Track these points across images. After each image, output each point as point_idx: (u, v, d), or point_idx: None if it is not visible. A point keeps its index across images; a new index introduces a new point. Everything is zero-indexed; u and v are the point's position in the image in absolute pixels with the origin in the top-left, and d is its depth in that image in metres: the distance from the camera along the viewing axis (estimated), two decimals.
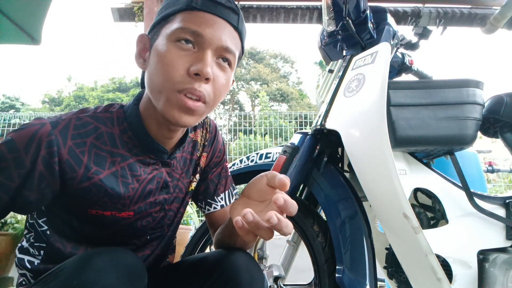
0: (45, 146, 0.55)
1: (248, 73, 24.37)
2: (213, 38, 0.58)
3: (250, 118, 6.91)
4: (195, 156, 0.77)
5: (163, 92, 0.57)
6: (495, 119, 1.11)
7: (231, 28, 0.61)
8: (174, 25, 0.58)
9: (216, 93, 0.60)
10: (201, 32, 0.57)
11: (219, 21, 0.59)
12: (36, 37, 2.27)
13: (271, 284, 1.00)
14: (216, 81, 0.59)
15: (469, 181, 1.04)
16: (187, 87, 0.56)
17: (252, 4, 3.25)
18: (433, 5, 3.23)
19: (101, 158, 0.60)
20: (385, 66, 0.96)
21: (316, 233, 1.05)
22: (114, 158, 0.62)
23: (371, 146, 0.90)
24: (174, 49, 0.57)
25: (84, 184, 0.58)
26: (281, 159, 1.08)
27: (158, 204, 0.68)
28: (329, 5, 1.17)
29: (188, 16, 0.58)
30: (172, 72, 0.56)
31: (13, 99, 17.73)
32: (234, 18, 0.62)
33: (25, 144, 0.54)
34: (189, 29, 0.57)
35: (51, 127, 0.56)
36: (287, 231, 0.46)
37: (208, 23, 0.58)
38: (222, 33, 0.59)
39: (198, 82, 0.57)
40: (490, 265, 0.96)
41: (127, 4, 3.24)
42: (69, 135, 0.58)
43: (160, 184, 0.68)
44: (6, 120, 5.19)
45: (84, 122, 0.60)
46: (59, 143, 0.56)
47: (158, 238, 0.73)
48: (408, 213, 0.87)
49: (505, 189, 4.88)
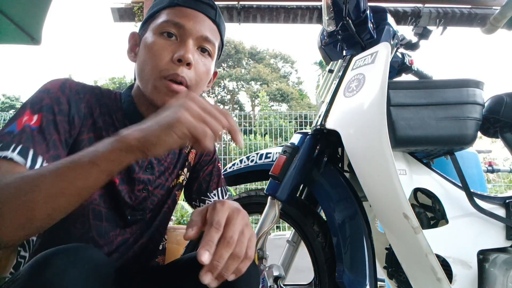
0: (75, 92, 0.64)
1: (248, 73, 24.36)
2: (193, 29, 0.66)
3: (250, 118, 6.91)
4: (183, 151, 0.81)
5: (151, 78, 0.64)
6: (495, 119, 1.11)
7: (209, 21, 0.69)
8: (159, 20, 0.66)
9: (197, 79, 0.67)
10: (182, 23, 0.65)
11: (199, 15, 0.68)
12: (36, 37, 2.27)
13: (271, 284, 1.00)
14: (197, 67, 0.66)
15: (469, 181, 1.04)
16: (171, 73, 0.63)
17: (252, 4, 3.25)
18: (433, 5, 3.23)
19: (101, 121, 0.67)
20: (385, 66, 0.96)
21: (316, 233, 1.05)
22: (107, 126, 0.68)
23: (371, 146, 0.90)
24: (159, 40, 0.65)
25: (85, 135, 0.64)
26: (281, 159, 1.08)
27: (142, 183, 0.71)
28: (329, 5, 1.17)
29: (171, 11, 0.67)
30: (158, 61, 0.63)
31: (13, 99, 17.75)
32: (212, 13, 0.70)
33: (58, 89, 0.61)
34: (172, 21, 0.65)
35: (75, 81, 0.66)
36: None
37: (189, 17, 0.66)
38: (201, 25, 0.67)
39: (181, 67, 0.63)
40: (490, 265, 0.96)
41: (127, 4, 3.24)
42: (87, 92, 0.67)
43: (145, 164, 0.71)
44: (6, 120, 5.20)
45: (94, 88, 0.70)
46: (84, 94, 0.65)
47: (139, 221, 0.72)
48: (408, 213, 0.87)
49: (505, 189, 4.89)
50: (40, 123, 0.56)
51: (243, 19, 3.26)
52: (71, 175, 0.44)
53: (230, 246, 0.46)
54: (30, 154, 0.52)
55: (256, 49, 25.97)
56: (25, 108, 0.57)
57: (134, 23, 3.29)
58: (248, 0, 3.24)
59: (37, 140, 0.55)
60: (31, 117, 0.56)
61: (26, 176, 0.44)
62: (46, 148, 0.55)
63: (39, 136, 0.55)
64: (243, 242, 0.48)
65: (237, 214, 0.50)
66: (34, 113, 0.57)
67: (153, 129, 0.44)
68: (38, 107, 0.57)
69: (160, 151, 0.44)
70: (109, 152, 0.44)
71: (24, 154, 0.51)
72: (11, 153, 0.50)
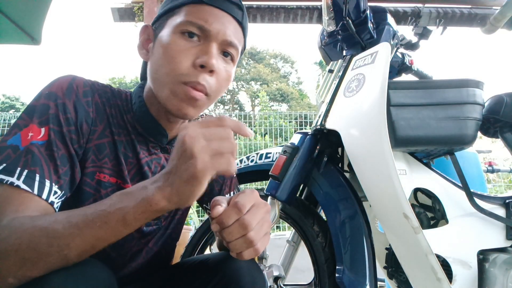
0: (83, 95, 0.58)
1: (248, 73, 24.36)
2: (219, 32, 0.59)
3: (250, 118, 6.91)
4: None
5: (168, 83, 0.58)
6: (495, 119, 1.11)
7: (236, 23, 0.62)
8: (180, 18, 0.59)
9: (218, 86, 0.61)
10: (207, 26, 0.58)
11: (225, 16, 0.60)
12: (36, 37, 2.27)
13: (271, 284, 1.00)
14: (219, 74, 0.60)
15: (469, 181, 1.04)
16: (192, 80, 0.57)
17: (252, 4, 3.25)
18: (433, 5, 3.24)
19: (111, 124, 0.63)
20: (385, 66, 0.96)
21: (316, 233, 1.05)
22: (119, 129, 0.64)
23: (371, 146, 0.90)
24: (180, 41, 0.58)
25: (95, 142, 0.60)
26: (281, 159, 1.08)
27: None
28: (329, 5, 1.17)
29: (194, 9, 0.59)
30: (178, 64, 0.57)
31: (13, 99, 17.75)
32: (239, 14, 0.63)
33: (64, 93, 0.56)
34: (196, 23, 0.58)
35: (83, 81, 0.60)
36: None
37: (215, 17, 0.59)
38: (227, 28, 0.60)
39: (203, 74, 0.58)
40: (490, 265, 0.96)
41: (127, 4, 3.24)
42: (96, 92, 0.62)
43: (158, 169, 0.68)
44: (6, 120, 5.19)
45: (105, 87, 0.65)
46: (92, 95, 0.60)
47: (154, 231, 0.71)
48: (408, 213, 0.87)
49: (505, 189, 4.89)
50: (47, 137, 0.52)
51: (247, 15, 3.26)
52: (101, 233, 0.43)
53: (245, 229, 0.46)
54: (37, 179, 0.49)
55: (256, 49, 25.96)
56: (31, 118, 0.53)
57: (134, 23, 3.29)
58: (248, 0, 3.24)
59: (44, 160, 0.51)
60: (38, 131, 0.52)
61: (54, 231, 0.42)
62: (54, 167, 0.52)
63: (47, 153, 0.52)
64: (258, 232, 0.48)
65: (262, 206, 0.50)
66: (41, 126, 0.52)
67: (180, 186, 0.42)
68: (45, 119, 0.53)
69: (193, 200, 0.44)
70: (140, 215, 0.43)
71: (30, 182, 0.48)
72: (17, 180, 0.47)
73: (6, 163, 0.48)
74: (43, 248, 0.41)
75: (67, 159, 0.55)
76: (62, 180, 0.53)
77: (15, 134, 0.51)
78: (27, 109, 0.54)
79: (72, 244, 0.41)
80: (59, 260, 0.42)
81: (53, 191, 0.51)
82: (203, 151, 0.41)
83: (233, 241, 0.47)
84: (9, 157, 0.49)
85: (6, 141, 0.51)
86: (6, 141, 0.51)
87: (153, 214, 0.43)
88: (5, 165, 0.48)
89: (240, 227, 0.46)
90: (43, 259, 0.41)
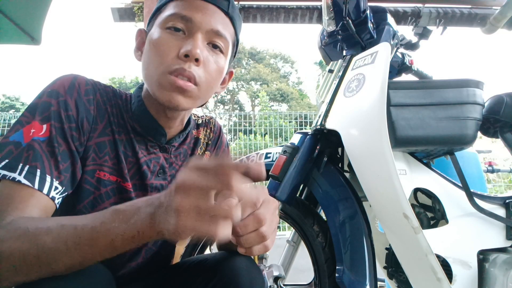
0: (84, 93, 0.59)
1: (248, 73, 24.35)
2: (202, 22, 0.59)
3: (250, 118, 6.91)
4: (196, 153, 0.78)
5: (156, 76, 0.59)
6: (495, 119, 1.11)
7: (222, 13, 0.63)
8: (166, 13, 0.61)
9: (207, 77, 0.61)
10: (190, 16, 0.59)
11: (209, 6, 0.61)
12: (36, 37, 2.27)
13: (271, 284, 1.00)
14: (207, 64, 0.60)
15: (469, 181, 1.04)
16: (177, 68, 0.57)
17: (252, 4, 3.25)
18: (433, 5, 3.24)
19: (112, 123, 0.64)
20: (385, 66, 0.96)
21: (316, 233, 1.05)
22: (120, 128, 0.65)
23: (371, 146, 0.90)
24: (166, 35, 0.59)
25: (96, 140, 0.61)
26: (281, 159, 1.08)
27: (155, 189, 0.68)
28: (329, 5, 1.17)
29: (178, 3, 0.61)
30: (164, 57, 0.58)
31: (13, 99, 17.75)
32: (224, 4, 0.63)
33: (66, 91, 0.57)
34: (179, 14, 0.59)
35: (85, 79, 0.61)
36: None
37: (198, 8, 0.60)
38: (211, 17, 0.61)
39: (188, 63, 0.58)
40: (490, 265, 0.96)
41: (127, 4, 3.24)
42: (97, 91, 0.62)
43: (157, 168, 0.68)
44: (6, 120, 5.20)
45: (106, 87, 0.66)
46: (94, 94, 0.61)
47: None
48: (408, 213, 0.87)
49: (505, 189, 4.89)
50: (49, 133, 0.53)
51: (243, 19, 3.26)
52: (88, 255, 0.42)
53: (259, 223, 0.46)
54: (38, 174, 0.50)
55: (256, 49, 25.96)
56: (33, 115, 0.54)
57: (134, 23, 3.29)
58: (248, 0, 3.25)
59: (45, 156, 0.52)
60: (40, 128, 0.53)
61: (43, 244, 0.41)
62: (54, 163, 0.53)
63: (48, 149, 0.53)
64: (270, 227, 0.48)
65: (272, 202, 0.50)
66: (43, 122, 0.53)
67: (166, 226, 0.39)
68: (46, 116, 0.54)
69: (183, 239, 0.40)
70: (128, 240, 0.41)
71: (31, 177, 0.49)
72: (19, 175, 0.48)
73: (8, 159, 0.49)
74: (31, 260, 0.41)
75: (68, 156, 0.55)
76: (63, 176, 0.54)
77: (17, 131, 0.52)
78: (29, 107, 0.55)
79: (59, 260, 0.41)
80: (48, 272, 0.42)
81: (54, 187, 0.52)
82: (188, 211, 0.36)
83: (246, 234, 0.46)
84: (11, 153, 0.50)
85: (8, 137, 0.52)
86: (8, 137, 0.52)
87: (142, 240, 0.41)
88: (7, 161, 0.49)
89: (255, 221, 0.46)
90: (33, 269, 0.41)
